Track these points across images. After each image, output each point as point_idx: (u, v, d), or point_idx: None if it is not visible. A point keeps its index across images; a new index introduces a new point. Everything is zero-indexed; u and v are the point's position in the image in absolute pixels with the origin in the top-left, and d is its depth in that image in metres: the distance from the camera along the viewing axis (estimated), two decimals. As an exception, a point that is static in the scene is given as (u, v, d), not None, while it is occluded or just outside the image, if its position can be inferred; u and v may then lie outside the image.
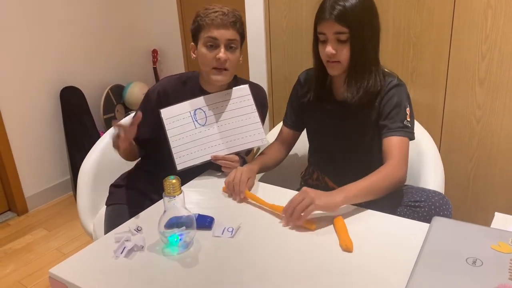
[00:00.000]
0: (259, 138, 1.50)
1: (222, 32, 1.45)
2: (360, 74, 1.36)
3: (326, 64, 1.38)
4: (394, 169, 1.29)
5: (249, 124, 1.50)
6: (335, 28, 1.30)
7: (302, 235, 1.15)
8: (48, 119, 2.91)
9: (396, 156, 1.31)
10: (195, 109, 1.51)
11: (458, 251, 1.00)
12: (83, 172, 1.79)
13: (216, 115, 1.51)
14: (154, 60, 3.41)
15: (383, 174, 1.27)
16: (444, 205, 1.30)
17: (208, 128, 1.50)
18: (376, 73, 1.38)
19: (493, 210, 1.89)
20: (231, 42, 1.47)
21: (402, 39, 1.91)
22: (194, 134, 1.49)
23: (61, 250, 2.47)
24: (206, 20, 1.45)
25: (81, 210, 1.76)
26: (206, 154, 1.48)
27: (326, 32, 1.32)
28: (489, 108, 1.81)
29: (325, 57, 1.36)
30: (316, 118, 1.53)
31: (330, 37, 1.32)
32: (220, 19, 1.44)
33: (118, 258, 1.08)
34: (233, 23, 1.46)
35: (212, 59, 1.47)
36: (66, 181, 3.06)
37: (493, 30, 1.72)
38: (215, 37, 1.45)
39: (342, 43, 1.32)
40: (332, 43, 1.33)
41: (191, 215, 1.10)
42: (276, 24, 2.24)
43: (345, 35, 1.30)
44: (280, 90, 2.35)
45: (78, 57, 3.04)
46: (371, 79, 1.37)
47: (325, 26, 1.32)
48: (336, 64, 1.35)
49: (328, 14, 1.30)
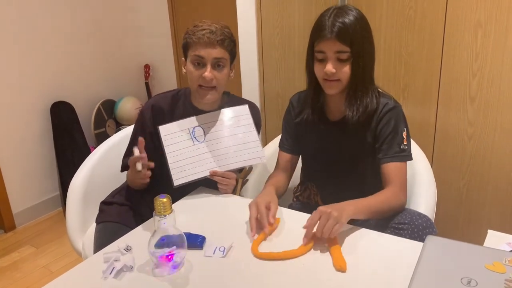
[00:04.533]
0: (258, 156, 1.48)
1: (208, 51, 1.44)
2: (360, 92, 1.36)
3: (323, 83, 1.36)
4: (396, 194, 1.31)
5: (248, 142, 1.49)
6: (337, 47, 1.28)
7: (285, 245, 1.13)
8: (38, 133, 2.88)
9: (396, 183, 1.32)
10: (194, 126, 1.50)
11: (453, 271, 0.99)
12: (73, 189, 1.76)
13: (214, 133, 1.50)
14: (146, 75, 3.41)
15: (385, 197, 1.28)
16: (428, 228, 1.29)
17: (207, 145, 1.49)
18: (372, 92, 1.38)
19: (485, 227, 1.91)
20: (218, 60, 1.47)
21: (393, 56, 1.92)
22: (192, 150, 1.48)
23: (49, 268, 2.42)
24: (193, 39, 1.45)
25: (70, 227, 1.72)
26: (203, 170, 1.47)
27: (326, 50, 1.30)
28: (481, 125, 1.82)
29: (323, 75, 1.33)
30: (310, 139, 1.51)
31: (330, 56, 1.30)
32: (207, 37, 1.43)
33: (107, 279, 1.05)
34: (221, 41, 1.45)
35: (198, 77, 1.47)
36: (55, 197, 3.02)
37: (483, 48, 1.74)
38: (201, 56, 1.45)
39: (342, 62, 1.30)
40: (332, 61, 1.31)
41: (182, 234, 1.08)
42: (268, 41, 2.25)
43: (346, 54, 1.29)
44: (273, 107, 2.35)
45: (69, 72, 3.02)
46: (368, 98, 1.36)
47: (325, 44, 1.29)
48: (335, 82, 1.33)
49: (329, 32, 1.27)
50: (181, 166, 1.46)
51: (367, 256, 1.11)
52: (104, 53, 3.24)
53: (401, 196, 1.32)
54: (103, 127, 3.23)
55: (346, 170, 1.48)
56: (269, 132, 2.37)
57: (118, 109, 3.27)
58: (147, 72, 3.41)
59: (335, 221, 1.11)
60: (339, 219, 1.12)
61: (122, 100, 3.29)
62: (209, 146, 1.49)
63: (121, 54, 3.36)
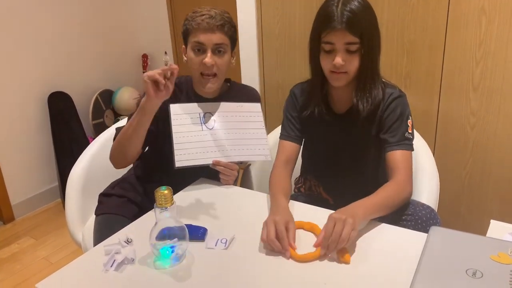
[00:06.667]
0: (263, 154, 1.45)
1: (208, 37, 1.42)
2: (369, 84, 1.33)
3: (330, 75, 1.31)
4: (402, 185, 1.27)
5: (256, 139, 1.47)
6: (347, 38, 1.23)
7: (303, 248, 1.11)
8: (35, 124, 2.86)
9: (402, 172, 1.28)
10: (205, 112, 1.48)
11: (457, 262, 0.98)
12: (72, 180, 1.75)
13: (224, 123, 1.47)
14: (144, 65, 3.39)
15: (394, 191, 1.24)
16: (432, 219, 1.28)
17: (214, 133, 1.46)
18: (378, 82, 1.35)
19: (487, 216, 1.90)
20: (219, 46, 1.44)
21: (395, 44, 1.90)
22: (199, 135, 1.44)
23: (49, 259, 2.41)
24: (193, 24, 1.42)
25: (70, 219, 1.71)
26: (207, 157, 1.43)
27: (336, 42, 1.24)
28: (483, 114, 1.80)
29: (330, 67, 1.29)
30: (315, 131, 1.47)
31: (339, 47, 1.25)
32: (206, 22, 1.40)
33: (108, 272, 1.04)
34: (221, 27, 1.42)
35: (199, 64, 1.45)
36: (54, 188, 3.01)
37: (487, 36, 1.71)
38: (201, 42, 1.42)
39: (351, 53, 1.26)
40: (342, 53, 1.25)
41: (183, 226, 1.07)
42: (268, 30, 2.22)
43: (355, 46, 1.24)
44: (273, 96, 2.33)
45: (67, 62, 2.99)
46: (376, 90, 1.34)
47: (334, 35, 1.23)
48: (343, 75, 1.29)
49: (339, 23, 1.21)
50: (185, 149, 1.41)
51: (371, 248, 1.10)
52: (102, 43, 3.21)
53: (407, 186, 1.28)
54: (101, 118, 3.21)
55: (349, 162, 1.46)
56: (269, 123, 2.34)
57: (116, 99, 3.25)
58: (145, 62, 3.39)
59: (351, 227, 1.05)
60: (355, 225, 1.06)
61: (120, 90, 3.26)
62: (216, 135, 1.46)
63: (119, 44, 3.32)
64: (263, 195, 1.40)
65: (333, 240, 1.04)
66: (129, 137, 1.40)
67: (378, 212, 1.19)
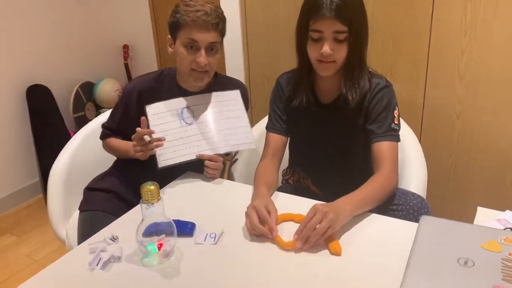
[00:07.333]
0: (248, 142, 1.43)
1: (203, 35, 1.37)
2: (357, 74, 1.31)
3: (317, 64, 1.29)
4: (388, 178, 1.26)
5: (238, 127, 1.44)
6: (335, 26, 1.21)
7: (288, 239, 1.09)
8: (14, 119, 2.78)
9: (388, 164, 1.27)
10: (183, 107, 1.45)
11: (449, 252, 0.98)
12: (54, 175, 1.70)
13: (204, 115, 1.45)
14: (125, 55, 3.32)
15: (380, 184, 1.23)
16: (423, 209, 1.28)
17: (195, 127, 1.43)
18: (365, 72, 1.33)
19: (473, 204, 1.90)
20: (212, 45, 1.40)
21: (381, 33, 1.88)
22: (180, 132, 1.43)
23: (32, 257, 2.36)
24: (187, 20, 1.35)
25: (52, 215, 1.67)
26: (190, 153, 1.41)
27: (324, 30, 1.22)
28: (469, 103, 1.81)
29: (317, 56, 1.26)
30: (302, 122, 1.45)
31: (327, 36, 1.23)
32: (202, 20, 1.35)
33: (94, 271, 1.01)
34: (216, 25, 1.38)
35: (191, 62, 1.40)
36: (35, 184, 2.94)
37: (472, 23, 1.71)
38: (196, 40, 1.37)
39: (339, 42, 1.24)
40: (330, 42, 1.24)
41: (171, 222, 1.04)
42: (252, 18, 2.18)
43: (343, 34, 1.22)
44: (259, 87, 2.30)
45: (45, 54, 2.91)
46: (363, 79, 1.32)
47: (322, 24, 1.21)
48: (331, 64, 1.27)
49: (328, 10, 1.19)
50: (166, 148, 1.40)
51: (362, 239, 1.09)
52: (81, 33, 3.12)
53: (393, 179, 1.27)
54: (82, 111, 3.15)
55: (336, 153, 1.45)
56: (255, 114, 2.32)
57: (97, 92, 3.19)
58: (126, 52, 3.32)
59: (328, 223, 1.03)
60: (334, 222, 1.04)
61: (101, 82, 3.20)
62: (197, 129, 1.44)
63: (98, 34, 3.25)
64: (250, 188, 1.38)
65: (308, 228, 1.03)
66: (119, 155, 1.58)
67: (365, 207, 1.18)
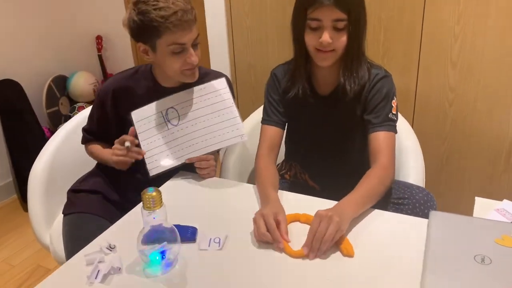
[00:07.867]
0: (238, 134, 1.37)
1: (189, 36, 1.28)
2: (356, 64, 1.28)
3: (316, 54, 1.25)
4: (385, 171, 1.22)
5: (227, 120, 1.38)
6: (335, 14, 1.18)
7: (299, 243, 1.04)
8: (-18, 116, 2.63)
9: (384, 156, 1.24)
10: (167, 108, 1.39)
11: (464, 248, 0.97)
12: (34, 177, 1.61)
13: (190, 113, 1.38)
14: (99, 47, 3.19)
15: (378, 179, 1.19)
16: (429, 202, 1.26)
17: (182, 128, 1.38)
18: (364, 63, 1.30)
19: (467, 192, 1.92)
20: (196, 39, 1.33)
21: (373, 20, 1.84)
22: (166, 136, 1.38)
23: (10, 262, 2.24)
24: (167, 25, 1.24)
25: (34, 220, 1.58)
26: (180, 156, 1.37)
27: (323, 18, 1.18)
28: (462, 91, 1.80)
29: (316, 45, 1.23)
30: (299, 114, 1.41)
31: (327, 24, 1.19)
32: (184, 21, 1.25)
33: (93, 284, 0.94)
34: (194, 20, 1.29)
35: (182, 64, 1.32)
36: (8, 184, 2.80)
37: (466, 9, 1.68)
38: (182, 43, 1.28)
39: (338, 31, 1.21)
40: (329, 30, 1.20)
41: (173, 228, 0.98)
42: (237, 7, 2.10)
43: (343, 23, 1.19)
44: (245, 79, 2.22)
45: (14, 47, 2.77)
46: (362, 69, 1.29)
47: (321, 12, 1.18)
48: (330, 53, 1.24)
49: None
50: (155, 155, 1.37)
51: (372, 238, 1.06)
52: (52, 25, 2.98)
53: (390, 171, 1.24)
54: (56, 106, 3.02)
55: (334, 145, 1.41)
56: (241, 105, 2.25)
57: (71, 86, 3.07)
58: (100, 44, 3.19)
59: (336, 227, 0.99)
60: (340, 224, 1.00)
61: (75, 76, 3.08)
62: (184, 129, 1.38)
63: (70, 25, 3.11)
64: (249, 186, 1.33)
65: (317, 239, 0.99)
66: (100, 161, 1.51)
67: (367, 205, 1.15)
